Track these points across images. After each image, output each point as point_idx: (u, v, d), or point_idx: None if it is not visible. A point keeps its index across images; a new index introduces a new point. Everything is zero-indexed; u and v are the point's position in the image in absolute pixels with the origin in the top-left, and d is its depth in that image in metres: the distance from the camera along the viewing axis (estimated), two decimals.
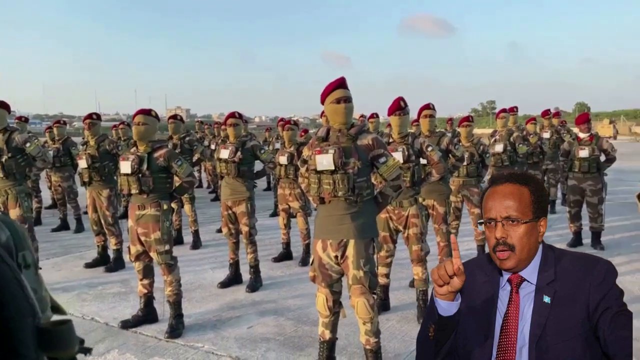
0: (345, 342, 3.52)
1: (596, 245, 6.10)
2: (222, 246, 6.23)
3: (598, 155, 6.06)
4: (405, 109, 4.04)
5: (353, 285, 2.92)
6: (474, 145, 5.60)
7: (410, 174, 3.93)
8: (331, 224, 2.95)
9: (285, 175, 5.63)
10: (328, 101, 2.98)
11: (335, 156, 2.86)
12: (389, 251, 4.12)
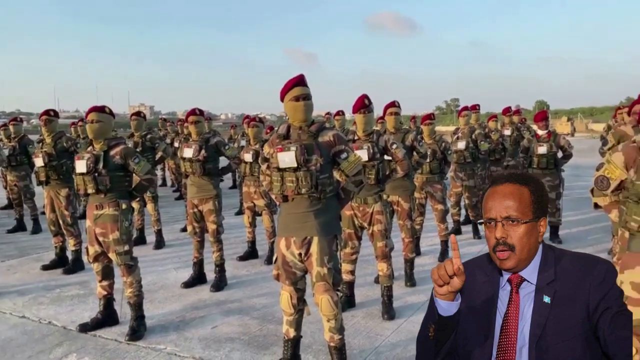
0: (311, 340, 3.51)
1: (554, 239, 6.29)
2: (186, 245, 6.13)
3: (556, 151, 6.24)
4: (370, 106, 4.05)
5: (317, 282, 2.91)
6: (436, 143, 5.67)
7: (375, 171, 3.94)
8: (294, 221, 2.94)
9: (251, 173, 5.58)
10: (287, 98, 2.96)
11: (297, 153, 2.84)
12: (353, 248, 4.13)
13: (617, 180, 2.39)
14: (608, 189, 2.44)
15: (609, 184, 2.42)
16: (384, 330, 3.69)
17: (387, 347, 3.42)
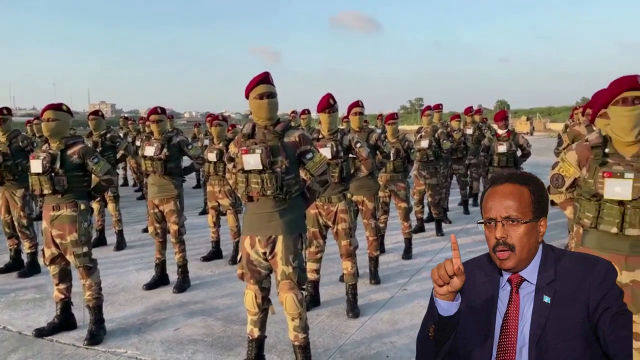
0: (275, 340, 3.50)
1: None
2: (148, 246, 6.01)
3: (515, 150, 6.41)
4: (334, 106, 4.06)
5: (282, 281, 2.91)
6: (399, 142, 5.74)
7: (339, 169, 3.96)
8: (259, 220, 2.93)
9: (215, 172, 5.51)
10: (252, 96, 2.94)
11: (262, 156, 2.83)
12: (318, 247, 4.14)
13: (571, 178, 2.47)
14: (563, 187, 2.51)
15: (564, 181, 2.50)
16: (348, 329, 3.71)
17: (352, 345, 3.44)
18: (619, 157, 2.31)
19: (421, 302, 4.25)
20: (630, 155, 2.30)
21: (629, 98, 2.23)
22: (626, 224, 2.24)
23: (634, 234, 2.24)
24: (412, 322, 3.83)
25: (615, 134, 2.32)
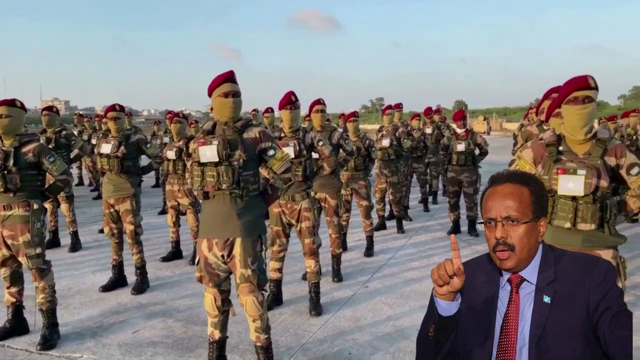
0: (237, 340, 3.46)
1: (472, 232, 6.63)
2: (104, 247, 5.83)
3: (473, 149, 6.57)
4: (296, 103, 4.05)
5: (241, 284, 2.87)
6: (360, 140, 5.79)
7: (302, 168, 3.95)
8: (217, 222, 2.87)
9: (174, 170, 5.40)
10: (215, 94, 2.89)
11: (219, 147, 2.78)
12: (281, 245, 4.12)
13: None
14: None
15: None
16: (311, 327, 3.71)
17: (314, 344, 3.44)
18: (572, 155, 2.40)
19: (382, 298, 4.30)
20: (582, 152, 2.39)
21: (580, 97, 2.31)
22: (579, 219, 2.33)
23: (586, 229, 2.33)
24: (374, 318, 3.86)
25: (568, 132, 2.41)
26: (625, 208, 2.43)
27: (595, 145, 2.37)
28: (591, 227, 2.32)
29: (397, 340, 3.48)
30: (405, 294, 4.43)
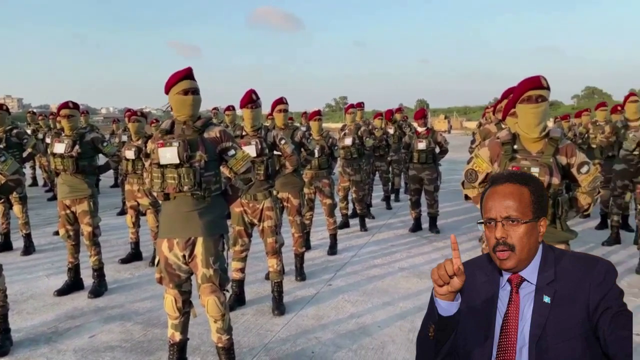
0: (199, 342, 3.41)
1: (433, 228, 6.74)
2: (59, 250, 5.64)
3: (434, 147, 6.68)
4: (257, 101, 4.02)
5: (202, 284, 2.83)
6: (324, 139, 5.80)
7: (264, 167, 3.92)
8: (177, 221, 2.82)
9: (133, 170, 5.26)
10: (174, 92, 2.83)
11: (179, 149, 2.73)
12: (243, 245, 4.08)
13: (483, 173, 2.61)
14: (476, 181, 2.65)
15: (477, 176, 2.63)
16: (274, 326, 3.69)
17: (277, 343, 3.43)
18: (526, 153, 2.47)
19: (345, 296, 4.32)
20: (536, 151, 2.46)
21: (534, 96, 2.38)
22: None
23: None
24: (337, 316, 3.88)
25: (522, 131, 2.48)
26: (576, 204, 2.52)
27: (548, 144, 2.45)
28: None
29: (360, 338, 3.50)
30: (368, 291, 4.46)
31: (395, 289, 4.51)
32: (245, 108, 3.98)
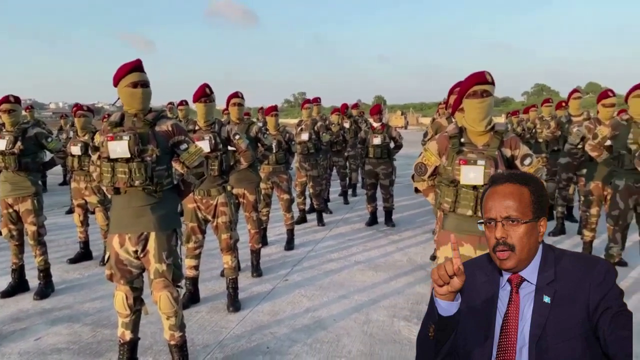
0: (151, 341, 3.33)
1: (388, 222, 6.84)
2: (3, 251, 5.38)
3: (388, 142, 6.77)
4: (211, 96, 3.96)
5: (155, 279, 2.77)
6: (280, 134, 5.78)
7: (218, 162, 3.87)
8: (129, 216, 2.75)
9: (79, 166, 5.07)
10: (123, 84, 2.75)
11: (130, 143, 2.66)
12: (197, 242, 4.01)
13: (432, 166, 2.66)
14: (425, 175, 2.70)
15: (426, 169, 2.68)
16: (229, 323, 3.66)
17: (232, 340, 3.39)
18: (473, 146, 2.53)
19: (301, 291, 4.33)
20: (482, 144, 2.53)
21: (479, 91, 2.45)
22: (479, 207, 2.47)
23: None
24: (293, 311, 3.88)
25: (469, 125, 2.54)
26: None
27: (493, 137, 2.52)
28: None
29: (315, 331, 3.52)
30: (324, 285, 4.48)
31: (351, 282, 4.55)
32: (198, 102, 3.91)
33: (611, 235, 4.31)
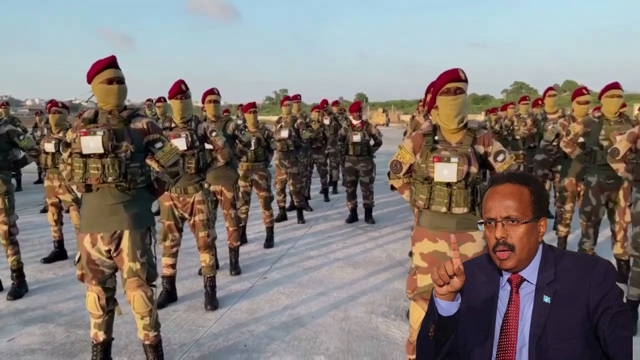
0: (126, 341, 3.30)
1: (368, 219, 6.87)
2: None
3: (368, 139, 6.79)
4: (187, 92, 3.92)
5: (128, 278, 2.74)
6: (259, 131, 5.75)
7: (195, 159, 3.83)
8: (101, 215, 2.71)
9: (53, 164, 4.97)
10: (97, 81, 2.71)
11: (104, 138, 2.62)
12: (174, 240, 3.97)
13: (407, 164, 2.67)
14: (400, 172, 2.71)
15: (401, 167, 2.69)
16: (206, 322, 3.64)
17: (209, 338, 3.37)
18: (446, 144, 2.55)
19: (280, 288, 4.32)
20: (455, 141, 2.55)
21: (452, 89, 2.46)
22: (453, 204, 2.49)
23: (460, 212, 2.50)
24: (271, 309, 3.87)
25: (442, 122, 2.56)
26: None
27: (467, 134, 2.54)
28: (464, 211, 2.49)
29: (293, 329, 3.51)
30: (303, 282, 4.48)
31: (330, 280, 4.56)
32: (174, 99, 3.87)
33: (584, 230, 4.40)
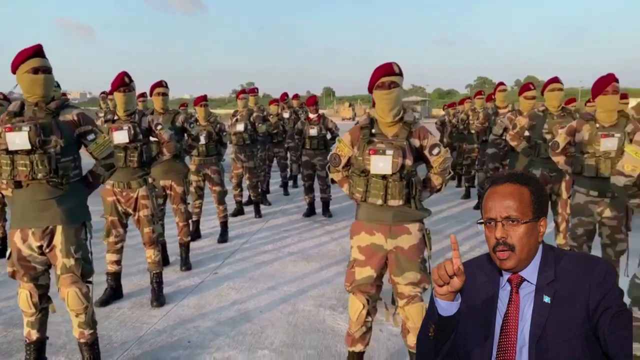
0: (65, 340, 3.21)
1: (325, 213, 6.88)
2: None
3: (325, 133, 6.79)
4: (131, 84, 3.83)
5: (62, 274, 2.66)
6: (211, 124, 5.67)
7: (137, 153, 3.75)
8: (33, 210, 2.62)
9: None
10: (22, 70, 2.60)
11: (31, 134, 2.52)
12: (118, 236, 3.88)
13: (346, 157, 2.68)
14: (339, 165, 2.71)
15: (340, 160, 2.69)
16: (151, 318, 3.57)
17: (152, 335, 3.32)
18: (383, 136, 2.57)
19: (230, 284, 4.28)
20: (392, 134, 2.57)
21: (386, 82, 2.48)
22: (389, 196, 2.51)
23: (395, 205, 2.52)
24: (219, 304, 3.84)
25: (378, 115, 2.57)
26: (429, 184, 2.67)
27: (402, 127, 2.56)
28: (399, 203, 2.51)
29: (240, 324, 3.49)
30: (255, 277, 4.46)
31: (282, 274, 4.55)
32: (117, 92, 3.78)
33: None
